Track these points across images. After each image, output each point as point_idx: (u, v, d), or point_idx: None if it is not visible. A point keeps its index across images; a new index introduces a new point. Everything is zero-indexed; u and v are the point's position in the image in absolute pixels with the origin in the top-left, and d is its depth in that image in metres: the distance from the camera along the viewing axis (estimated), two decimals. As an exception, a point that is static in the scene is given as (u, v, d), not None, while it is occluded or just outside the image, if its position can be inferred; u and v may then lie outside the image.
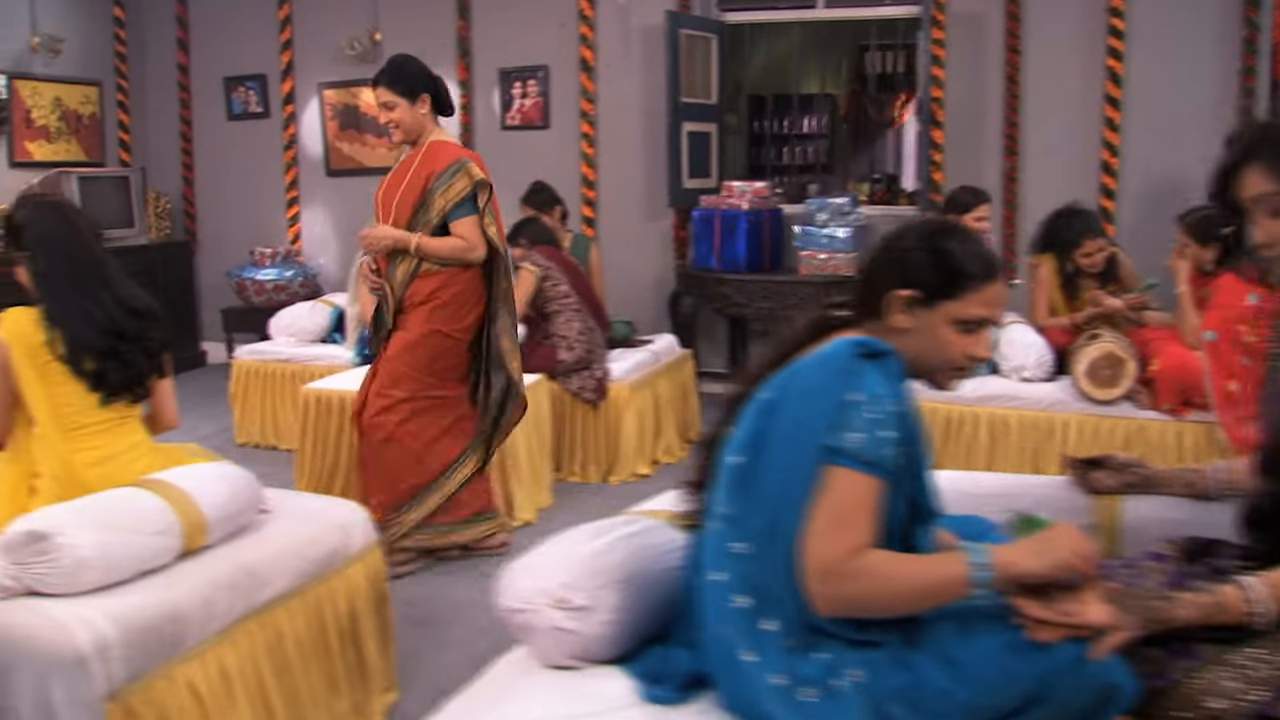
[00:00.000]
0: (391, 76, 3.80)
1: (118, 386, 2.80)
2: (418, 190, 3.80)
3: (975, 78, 6.20)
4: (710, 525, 1.87)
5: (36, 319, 2.73)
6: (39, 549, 2.31)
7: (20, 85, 6.89)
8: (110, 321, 2.77)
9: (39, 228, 2.80)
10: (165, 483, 2.61)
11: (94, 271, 2.81)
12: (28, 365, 2.72)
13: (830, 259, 6.02)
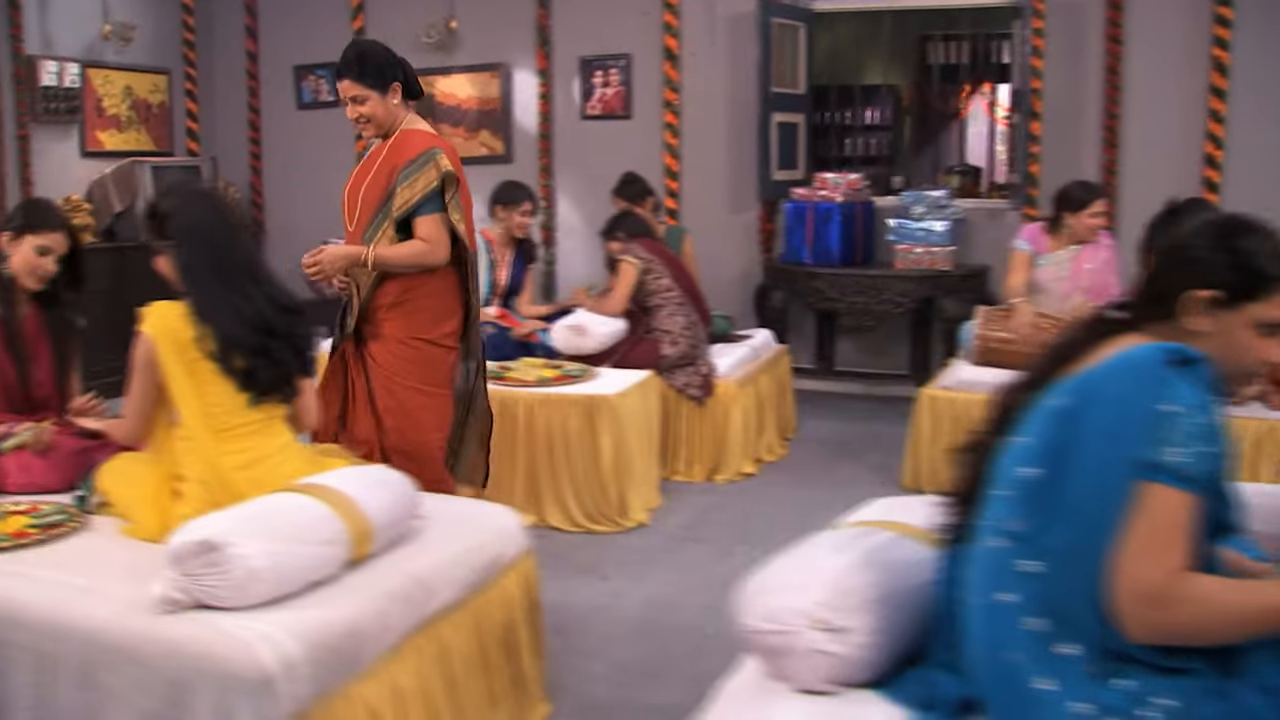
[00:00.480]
0: (359, 68, 3.36)
1: (268, 386, 2.66)
2: (382, 184, 3.40)
3: (1074, 68, 6.01)
4: (987, 541, 1.73)
5: (184, 314, 2.60)
6: (210, 560, 2.18)
7: (92, 74, 6.78)
8: (260, 318, 2.64)
9: (186, 217, 2.67)
10: (328, 488, 2.47)
11: (243, 265, 2.68)
12: (176, 362, 2.59)
13: (927, 253, 5.86)
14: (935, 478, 4.71)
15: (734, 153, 6.56)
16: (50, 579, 2.38)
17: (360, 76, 3.35)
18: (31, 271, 3.14)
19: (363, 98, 3.36)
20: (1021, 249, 4.92)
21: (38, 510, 2.79)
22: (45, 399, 3.27)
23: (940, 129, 10.54)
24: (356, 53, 3.41)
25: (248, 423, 2.65)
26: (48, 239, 3.13)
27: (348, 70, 3.37)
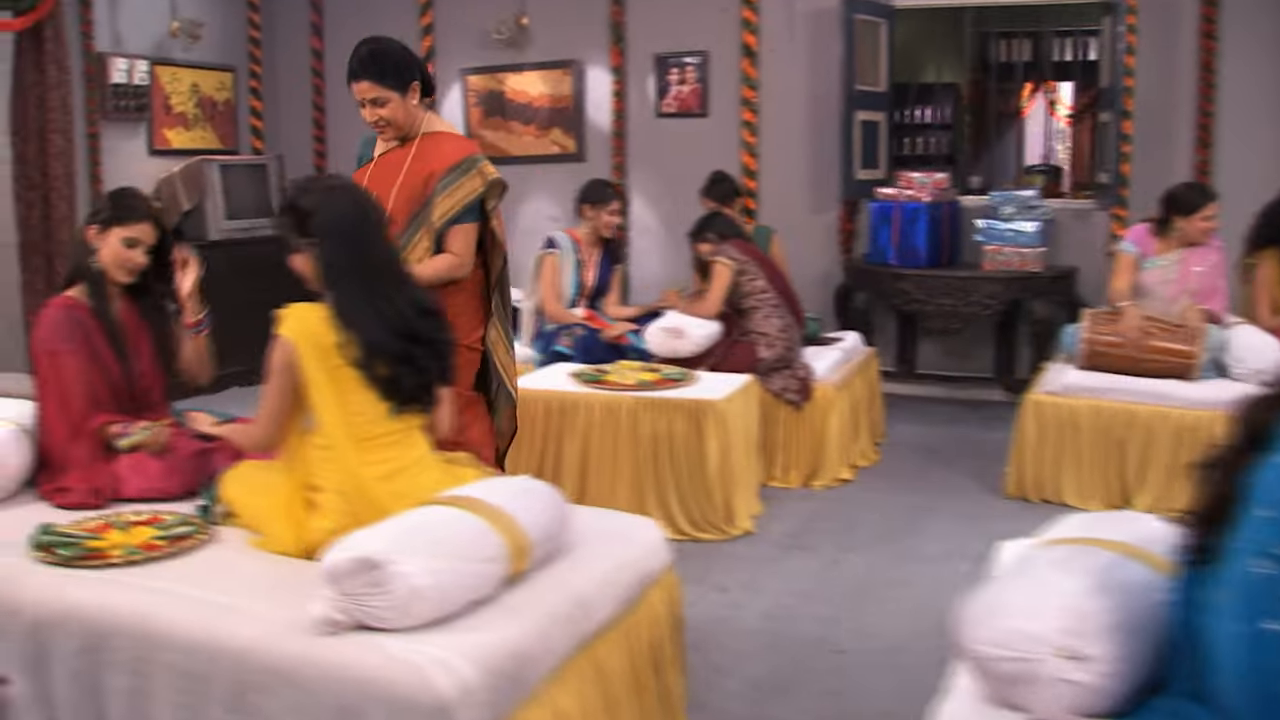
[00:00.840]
0: (378, 68, 3.17)
1: (411, 395, 2.55)
2: (417, 190, 3.23)
3: (1166, 65, 5.83)
4: (1247, 565, 1.59)
5: (325, 317, 2.48)
6: (372, 579, 2.06)
7: (160, 71, 6.70)
8: (403, 323, 2.52)
9: (329, 214, 2.55)
10: (481, 502, 2.35)
11: (386, 267, 2.57)
12: (318, 368, 2.47)
13: (1016, 253, 5.71)
14: (1042, 486, 4.57)
15: (814, 151, 6.42)
16: (190, 595, 2.28)
17: (380, 77, 3.17)
18: (121, 264, 3.04)
19: (383, 99, 3.18)
20: (1128, 251, 4.77)
21: (161, 521, 2.70)
22: (149, 393, 3.17)
23: (1002, 128, 10.36)
24: (373, 51, 3.21)
25: (389, 432, 2.54)
26: (135, 230, 3.03)
27: (365, 71, 3.18)
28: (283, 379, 2.52)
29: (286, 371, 2.50)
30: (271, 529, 2.55)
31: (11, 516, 2.81)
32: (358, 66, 3.20)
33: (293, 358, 2.48)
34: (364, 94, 3.19)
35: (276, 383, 2.52)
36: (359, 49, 3.23)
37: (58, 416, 2.95)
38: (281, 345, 2.49)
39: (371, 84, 3.17)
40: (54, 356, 2.94)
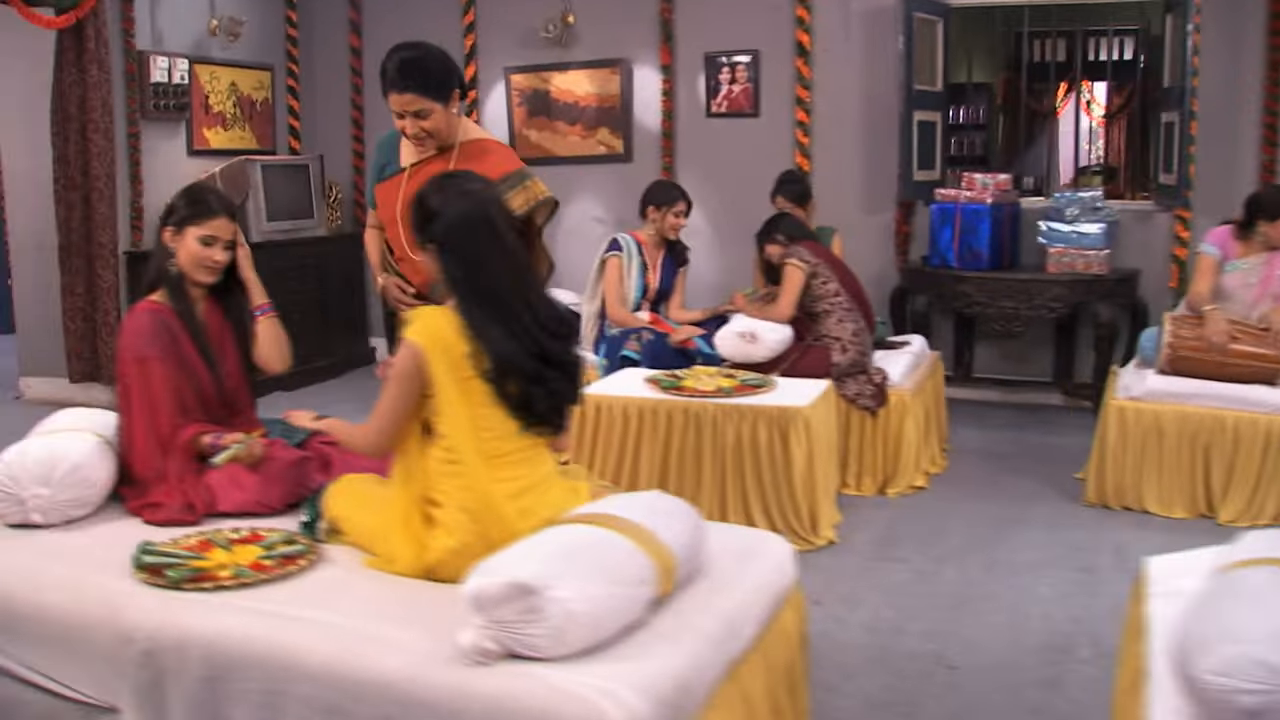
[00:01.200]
0: (421, 78, 2.96)
1: (542, 416, 2.41)
2: None
3: (1232, 64, 5.71)
4: None
5: (457, 325, 2.35)
6: (527, 606, 1.94)
7: (199, 70, 6.57)
8: (535, 341, 2.38)
9: (455, 220, 2.40)
10: (624, 520, 2.22)
11: (518, 278, 2.42)
12: (449, 378, 2.34)
13: (1080, 256, 5.60)
14: (1123, 493, 4.46)
15: (868, 152, 6.30)
16: (320, 621, 2.16)
17: (423, 89, 2.96)
18: (200, 263, 2.92)
19: (426, 111, 2.97)
20: (1210, 253, 4.65)
21: (263, 538, 2.57)
22: (237, 399, 3.05)
23: (1035, 128, 10.24)
24: (411, 60, 2.99)
25: (518, 449, 2.41)
26: (211, 227, 2.90)
27: (406, 81, 2.95)
28: (407, 385, 2.38)
29: (412, 377, 2.37)
30: (388, 547, 2.43)
31: (102, 534, 2.71)
32: (396, 77, 2.97)
33: (421, 363, 2.35)
34: (405, 106, 2.98)
35: (399, 388, 2.39)
36: (394, 57, 3.00)
37: (146, 427, 2.83)
38: (409, 349, 2.35)
39: (415, 96, 2.96)
40: (143, 364, 2.82)
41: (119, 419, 2.93)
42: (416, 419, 2.44)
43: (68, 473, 2.73)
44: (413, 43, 3.06)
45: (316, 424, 2.86)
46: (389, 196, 3.22)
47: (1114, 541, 4.15)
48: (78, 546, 2.62)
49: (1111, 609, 3.53)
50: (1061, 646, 3.30)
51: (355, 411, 3.04)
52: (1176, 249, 5.87)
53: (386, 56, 3.02)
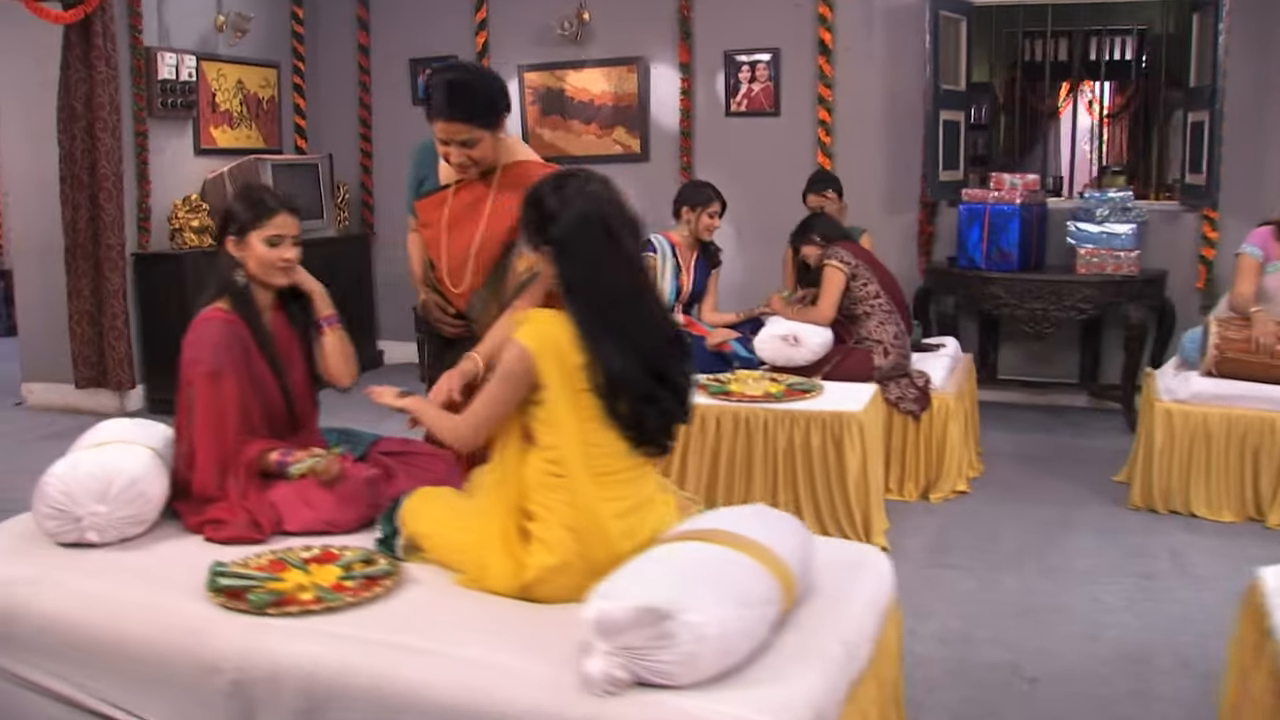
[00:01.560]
0: (470, 106, 2.76)
1: (652, 436, 2.29)
2: (502, 234, 2.91)
3: (1258, 64, 5.66)
4: None
5: (572, 333, 2.23)
6: (659, 631, 1.83)
7: (206, 67, 6.41)
8: (649, 356, 2.25)
9: (574, 224, 2.25)
10: (739, 536, 2.12)
11: (636, 289, 2.29)
12: (562, 388, 2.22)
13: (1112, 257, 5.54)
14: (1169, 497, 4.40)
15: (891, 152, 6.23)
16: (424, 648, 2.04)
17: (472, 117, 2.76)
18: (272, 266, 2.78)
19: (475, 140, 2.79)
20: (1253, 254, 4.60)
21: (338, 557, 2.45)
22: (302, 412, 2.92)
23: (1037, 128, 10.21)
24: (460, 84, 2.78)
25: (627, 468, 2.29)
26: (275, 225, 2.76)
27: (457, 110, 2.75)
28: (512, 388, 2.26)
29: (519, 381, 2.25)
30: (481, 563, 2.30)
31: (164, 553, 2.57)
32: (444, 104, 2.75)
33: (531, 370, 2.22)
34: (452, 135, 2.78)
35: (504, 390, 2.27)
36: (440, 80, 2.78)
37: (211, 443, 2.69)
38: (520, 353, 2.23)
39: (464, 125, 2.76)
40: (214, 378, 2.68)
41: (177, 432, 2.79)
42: (517, 424, 2.33)
43: (124, 488, 2.60)
44: (460, 64, 2.97)
45: (400, 402, 2.66)
46: (431, 215, 3.06)
47: (1167, 546, 4.09)
48: (141, 567, 2.49)
49: (1181, 616, 3.48)
50: (1139, 657, 3.22)
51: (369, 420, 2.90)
52: (1204, 249, 5.82)
53: (431, 77, 2.84)
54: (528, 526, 2.29)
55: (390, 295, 7.28)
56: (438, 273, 3.12)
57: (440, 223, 3.02)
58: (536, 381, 2.23)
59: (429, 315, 3.18)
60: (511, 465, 2.33)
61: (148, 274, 6.05)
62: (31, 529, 2.68)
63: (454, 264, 3.02)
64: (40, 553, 2.57)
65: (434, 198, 3.06)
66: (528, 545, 2.28)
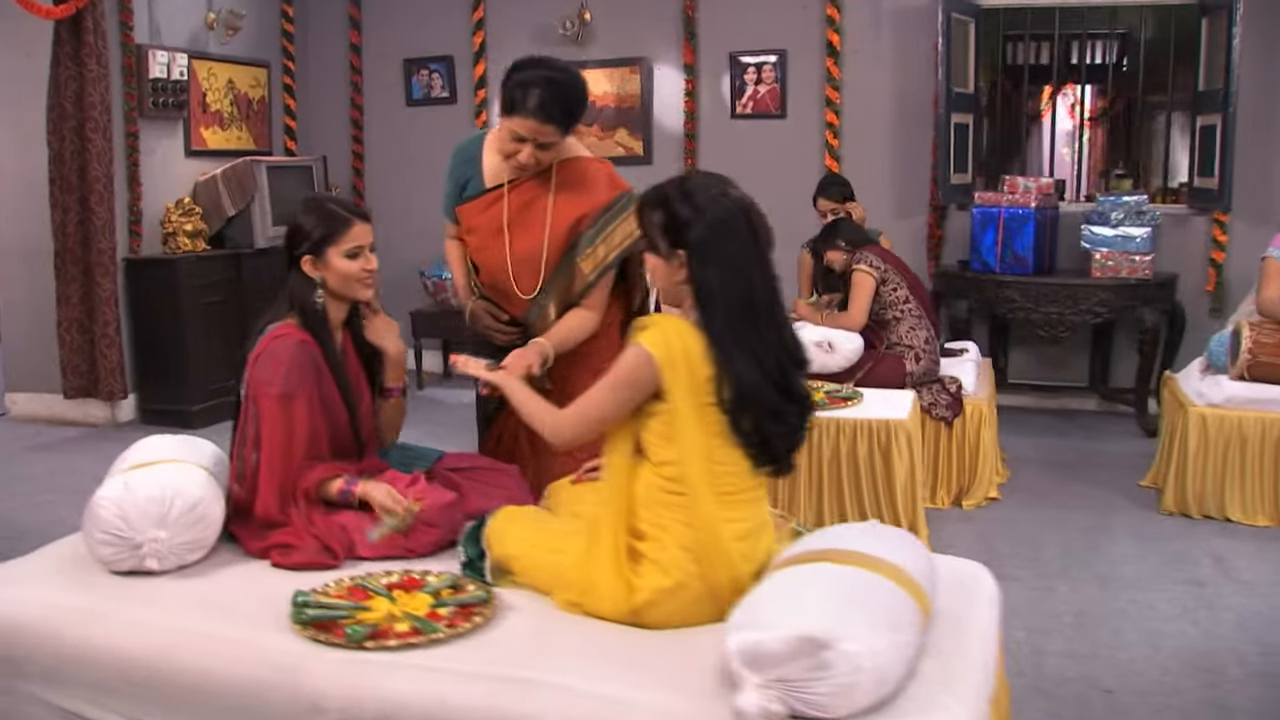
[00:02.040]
0: (558, 110, 2.67)
1: (776, 455, 2.19)
2: (565, 234, 2.83)
3: (1267, 68, 5.68)
4: None
5: (701, 342, 2.11)
6: (816, 662, 1.75)
7: (197, 66, 6.20)
8: (779, 369, 2.14)
9: (716, 231, 2.12)
10: (870, 557, 2.02)
11: (770, 298, 2.17)
12: (688, 401, 2.11)
13: (1127, 260, 5.53)
14: (1203, 502, 4.38)
15: (900, 154, 6.18)
16: (547, 683, 1.91)
17: (552, 119, 2.67)
18: (355, 280, 2.65)
19: (552, 143, 2.72)
20: (1279, 258, 4.59)
21: (424, 583, 2.32)
22: (369, 433, 2.79)
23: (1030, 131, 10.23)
24: (559, 87, 2.68)
25: (750, 488, 2.19)
26: (352, 237, 2.61)
27: (544, 114, 2.65)
28: (628, 395, 2.15)
29: (638, 389, 2.14)
30: (588, 586, 2.18)
31: (229, 581, 2.43)
32: (537, 106, 2.65)
33: (655, 378, 2.10)
34: (535, 135, 2.69)
35: (620, 394, 2.16)
36: (532, 77, 2.67)
37: (278, 466, 2.53)
38: (642, 358, 2.11)
39: (553, 128, 2.68)
40: (287, 401, 2.52)
41: (234, 450, 2.64)
42: (627, 434, 2.21)
43: (185, 511, 2.45)
44: (551, 63, 2.76)
45: (492, 376, 2.56)
46: (481, 219, 2.94)
47: (1208, 552, 4.06)
48: (209, 596, 2.34)
49: (1237, 624, 3.45)
50: (1206, 666, 3.18)
51: None
52: (1214, 253, 5.84)
53: (518, 71, 2.70)
54: (637, 546, 2.18)
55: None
56: (488, 277, 3.00)
57: (493, 226, 2.90)
58: (658, 390, 2.12)
59: (478, 323, 3.05)
60: (620, 480, 2.21)
61: (140, 279, 5.84)
62: (79, 554, 2.54)
63: (518, 267, 2.90)
64: (94, 580, 2.42)
65: (482, 200, 2.94)
66: (637, 566, 2.16)
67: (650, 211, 2.22)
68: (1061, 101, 10.15)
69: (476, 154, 2.96)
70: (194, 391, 5.80)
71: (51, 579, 2.44)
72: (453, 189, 3.04)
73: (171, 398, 5.81)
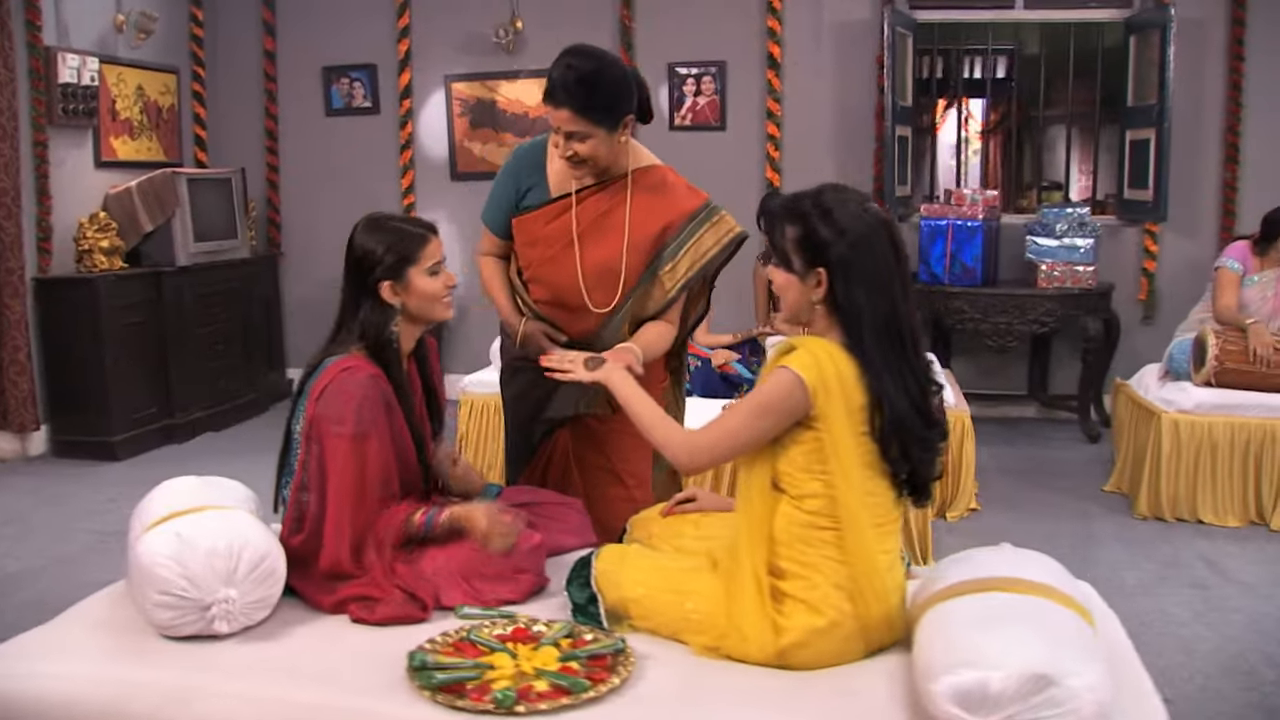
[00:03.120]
0: (585, 98, 2.55)
1: (922, 482, 2.11)
2: (647, 246, 2.72)
3: (1194, 84, 5.90)
4: None
5: (854, 367, 2.01)
6: (1047, 699, 1.69)
7: (107, 71, 5.75)
8: (922, 393, 2.06)
9: (863, 242, 2.02)
10: (1035, 583, 1.98)
11: (910, 321, 2.07)
12: (846, 429, 2.00)
13: (1071, 270, 5.67)
14: (1177, 505, 4.51)
15: (842, 166, 6.18)
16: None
17: (585, 110, 2.56)
18: (438, 299, 2.45)
19: (585, 135, 2.58)
20: (1233, 268, 4.77)
21: (531, 634, 2.14)
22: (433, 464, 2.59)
23: (922, 146, 10.46)
24: (583, 75, 2.57)
25: (894, 519, 2.12)
26: (430, 253, 2.42)
27: (569, 99, 2.55)
28: (774, 422, 2.03)
29: (786, 417, 2.02)
30: (736, 630, 2.05)
31: (312, 642, 2.20)
32: (561, 92, 2.56)
33: (804, 403, 1.99)
34: (562, 124, 2.58)
35: (766, 421, 2.04)
36: (565, 63, 2.58)
37: (351, 511, 2.31)
38: (793, 383, 1.98)
39: (573, 115, 2.55)
40: (361, 441, 2.30)
41: (294, 495, 2.39)
42: (765, 468, 2.09)
43: (253, 565, 2.22)
44: (590, 51, 2.65)
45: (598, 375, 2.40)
46: (547, 230, 2.77)
47: (1196, 555, 4.17)
48: (298, 661, 2.11)
49: (1250, 624, 3.54)
50: (1239, 669, 3.25)
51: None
52: (1147, 262, 6.04)
53: (555, 61, 2.61)
54: (779, 585, 2.07)
55: (300, 319, 6.75)
56: (549, 292, 2.82)
57: (563, 237, 2.74)
58: (806, 418, 2.00)
59: (533, 345, 2.84)
60: (761, 515, 2.09)
61: (51, 301, 5.36)
62: (117, 618, 2.28)
63: (592, 280, 2.74)
64: (151, 649, 2.17)
65: (547, 210, 2.78)
66: (780, 606, 2.05)
67: (784, 226, 2.10)
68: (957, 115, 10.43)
69: (540, 160, 2.79)
70: (116, 421, 5.37)
71: (94, 649, 2.17)
72: (505, 196, 2.85)
73: (90, 428, 5.36)
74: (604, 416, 2.86)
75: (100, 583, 3.13)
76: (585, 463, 2.92)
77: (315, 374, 2.41)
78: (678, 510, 2.52)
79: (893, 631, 2.09)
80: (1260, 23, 5.81)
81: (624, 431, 2.71)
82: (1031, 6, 6.18)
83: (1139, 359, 5.47)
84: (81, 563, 4.11)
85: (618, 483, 2.91)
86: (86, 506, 4.76)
